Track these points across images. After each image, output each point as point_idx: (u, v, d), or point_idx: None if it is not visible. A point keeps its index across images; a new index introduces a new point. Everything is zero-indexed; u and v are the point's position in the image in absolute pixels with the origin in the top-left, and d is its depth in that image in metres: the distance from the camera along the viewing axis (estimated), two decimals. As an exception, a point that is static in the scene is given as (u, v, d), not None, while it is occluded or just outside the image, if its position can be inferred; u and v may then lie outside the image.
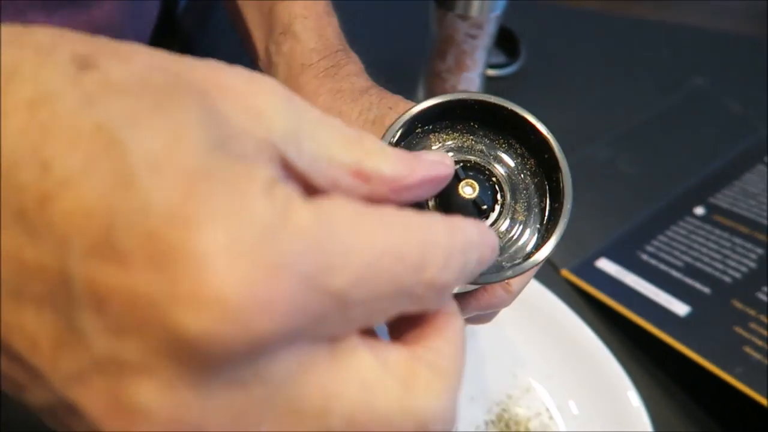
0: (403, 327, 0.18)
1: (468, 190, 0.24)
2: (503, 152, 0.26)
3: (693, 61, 0.70)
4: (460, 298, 0.29)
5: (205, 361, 0.13)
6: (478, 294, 0.29)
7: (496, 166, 0.26)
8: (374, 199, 0.17)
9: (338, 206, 0.14)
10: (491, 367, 0.45)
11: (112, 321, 0.13)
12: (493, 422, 0.43)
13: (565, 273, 0.52)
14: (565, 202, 0.25)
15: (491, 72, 0.65)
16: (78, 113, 0.13)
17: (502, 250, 0.25)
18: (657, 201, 0.58)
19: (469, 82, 0.52)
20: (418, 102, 0.25)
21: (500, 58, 0.67)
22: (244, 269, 0.12)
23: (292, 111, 0.16)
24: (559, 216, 0.25)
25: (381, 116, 0.31)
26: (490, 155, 0.26)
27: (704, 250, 0.53)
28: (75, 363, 0.13)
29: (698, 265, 0.52)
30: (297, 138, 0.15)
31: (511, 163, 0.26)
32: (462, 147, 0.26)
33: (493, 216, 0.25)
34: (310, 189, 0.16)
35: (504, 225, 0.25)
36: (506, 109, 0.25)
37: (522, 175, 0.26)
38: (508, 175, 0.26)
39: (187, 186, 0.13)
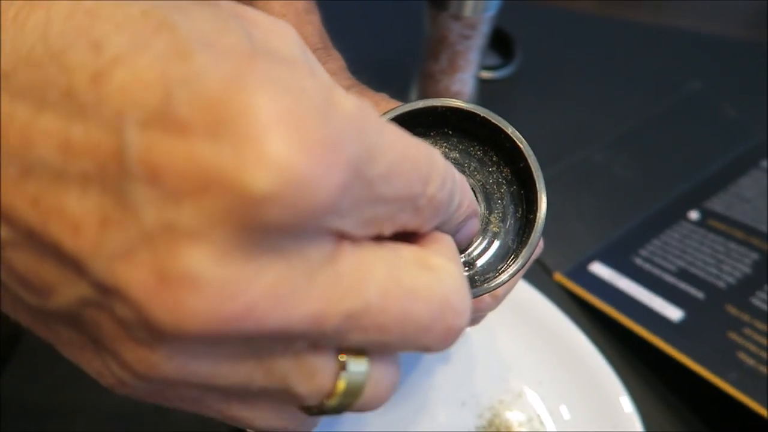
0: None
1: None
2: (477, 160, 0.25)
3: (688, 64, 0.70)
4: None
5: (264, 225, 0.13)
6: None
7: (470, 174, 0.25)
8: None
9: (370, 105, 0.15)
10: (483, 372, 0.44)
11: (169, 189, 0.13)
12: (484, 427, 0.42)
13: (558, 277, 0.51)
14: (538, 214, 0.24)
15: (485, 74, 0.64)
16: (123, 1, 0.14)
17: (472, 264, 0.24)
18: (651, 205, 0.57)
19: (462, 84, 0.51)
20: (405, 101, 0.25)
21: (495, 60, 0.66)
22: (304, 140, 0.13)
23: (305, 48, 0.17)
24: (533, 228, 0.24)
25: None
26: (465, 163, 0.25)
27: (698, 254, 0.53)
28: (122, 240, 0.13)
29: (692, 269, 0.51)
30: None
31: (486, 172, 0.25)
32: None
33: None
34: None
35: (477, 237, 0.24)
36: (478, 116, 0.24)
37: (497, 185, 0.25)
38: (483, 184, 0.25)
39: (242, 61, 0.13)
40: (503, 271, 0.24)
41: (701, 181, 0.60)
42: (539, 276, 0.51)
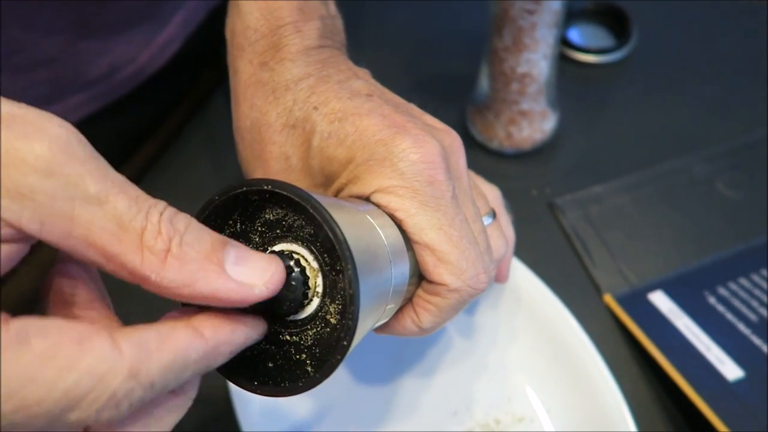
0: None
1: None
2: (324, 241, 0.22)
3: None
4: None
5: None
6: (389, 322, 0.29)
7: (313, 257, 0.22)
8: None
9: None
10: (481, 390, 0.42)
11: None
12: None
13: (608, 299, 0.46)
14: (347, 320, 0.21)
15: (590, 58, 0.57)
16: None
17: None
18: (752, 236, 0.48)
19: (530, 65, 0.46)
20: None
21: (608, 42, 0.58)
22: None
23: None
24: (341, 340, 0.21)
25: (303, 119, 0.28)
26: (315, 241, 0.22)
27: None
28: None
29: (775, 325, 0.43)
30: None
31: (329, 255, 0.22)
32: (287, 226, 0.22)
33: (304, 314, 0.22)
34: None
35: (311, 331, 0.22)
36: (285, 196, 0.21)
37: (338, 267, 0.22)
38: (329, 267, 0.22)
39: None
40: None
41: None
42: (585, 293, 0.46)
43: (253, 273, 0.19)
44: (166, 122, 0.50)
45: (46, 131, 0.17)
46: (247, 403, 0.38)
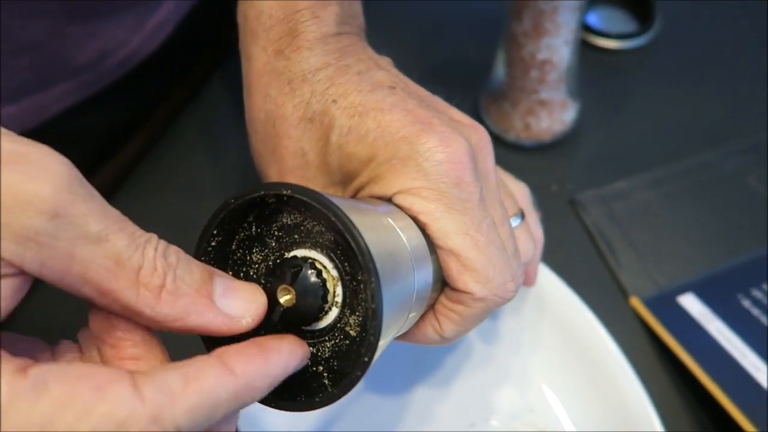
0: None
1: (284, 297, 0.21)
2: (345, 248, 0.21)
3: None
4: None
5: None
6: (410, 330, 0.28)
7: (332, 265, 0.21)
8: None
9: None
10: (501, 399, 0.40)
11: None
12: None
13: (635, 302, 0.43)
14: (368, 335, 0.20)
15: (611, 43, 0.54)
16: None
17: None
18: (787, 235, 0.46)
19: (551, 52, 0.43)
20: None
21: (630, 26, 0.55)
22: None
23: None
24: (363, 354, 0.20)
25: (321, 113, 0.27)
26: (336, 249, 0.21)
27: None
28: None
29: (815, 330, 0.40)
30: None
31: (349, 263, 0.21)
32: (306, 231, 0.21)
33: (322, 324, 0.21)
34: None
35: (329, 343, 0.21)
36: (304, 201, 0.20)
37: (359, 278, 0.21)
38: (350, 276, 0.21)
39: None
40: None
41: None
42: (610, 295, 0.44)
43: (240, 305, 0.20)
44: (158, 112, 0.48)
45: (49, 170, 0.17)
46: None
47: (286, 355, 0.20)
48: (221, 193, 0.44)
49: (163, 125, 0.49)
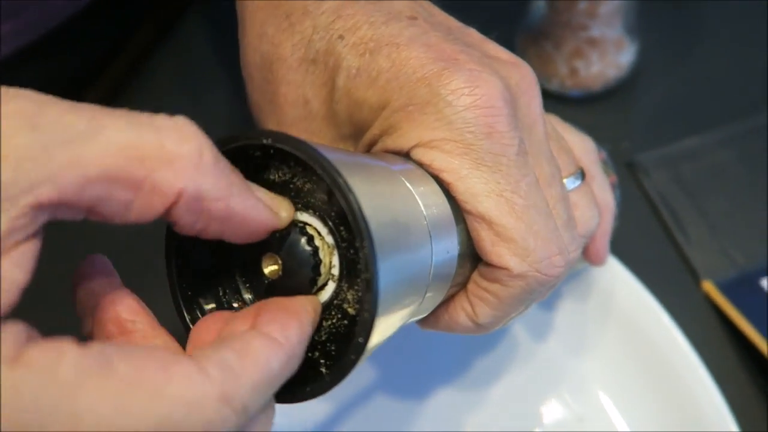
0: None
1: (270, 268, 0.20)
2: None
3: None
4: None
5: None
6: (437, 314, 0.27)
7: (327, 231, 0.20)
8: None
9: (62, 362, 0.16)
10: (546, 407, 0.36)
11: None
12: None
13: (708, 287, 0.40)
14: (363, 311, 0.19)
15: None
16: None
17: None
18: None
19: None
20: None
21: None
22: None
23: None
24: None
25: (325, 52, 0.25)
26: (330, 211, 0.20)
27: None
28: None
29: None
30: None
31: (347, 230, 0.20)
32: (296, 190, 0.20)
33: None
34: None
35: (326, 323, 0.20)
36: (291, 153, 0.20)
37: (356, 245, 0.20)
38: (347, 244, 0.20)
39: None
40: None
41: None
42: (678, 280, 0.41)
43: (274, 201, 0.20)
44: (123, 55, 0.46)
45: (7, 96, 0.17)
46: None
47: (312, 312, 0.20)
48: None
49: (128, 72, 0.46)
